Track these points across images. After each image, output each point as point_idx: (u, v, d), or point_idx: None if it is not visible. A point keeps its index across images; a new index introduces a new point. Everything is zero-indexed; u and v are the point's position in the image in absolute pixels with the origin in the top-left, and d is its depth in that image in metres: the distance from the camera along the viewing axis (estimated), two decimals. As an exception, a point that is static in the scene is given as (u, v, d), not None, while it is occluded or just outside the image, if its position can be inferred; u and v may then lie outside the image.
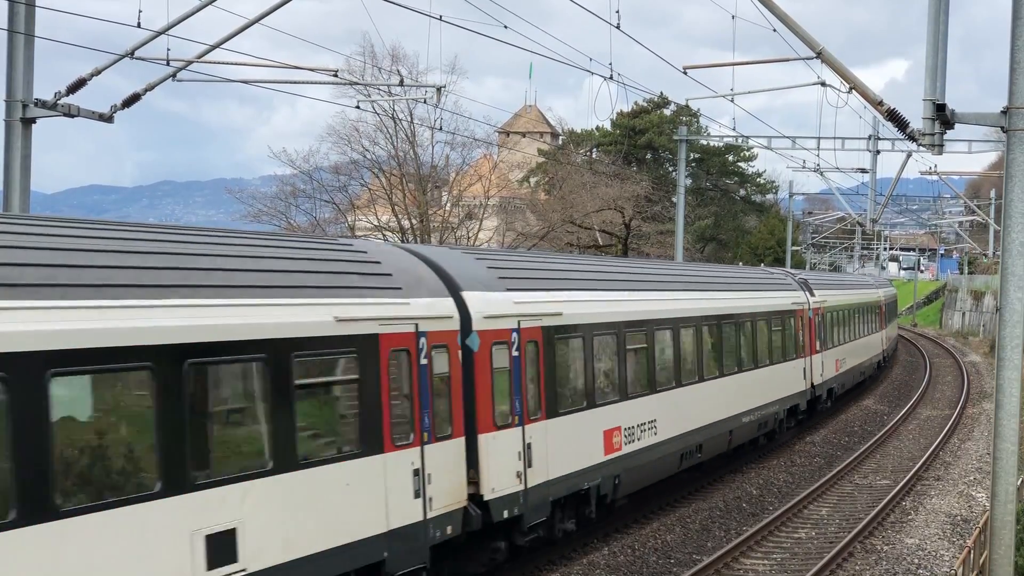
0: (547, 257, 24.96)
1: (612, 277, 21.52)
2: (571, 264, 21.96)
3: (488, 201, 48.19)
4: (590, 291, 19.61)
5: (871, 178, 47.18)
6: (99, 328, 9.74)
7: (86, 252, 10.47)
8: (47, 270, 9.81)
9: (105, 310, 9.92)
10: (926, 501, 24.77)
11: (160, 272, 10.94)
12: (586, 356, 18.74)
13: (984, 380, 49.86)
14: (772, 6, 15.75)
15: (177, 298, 10.76)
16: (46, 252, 10.02)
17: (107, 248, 10.80)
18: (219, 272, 11.72)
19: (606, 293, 20.21)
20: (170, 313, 10.53)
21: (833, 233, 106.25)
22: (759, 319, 28.53)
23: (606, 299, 20.02)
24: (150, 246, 11.37)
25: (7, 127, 16.84)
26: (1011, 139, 14.70)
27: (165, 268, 11.06)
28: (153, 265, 10.98)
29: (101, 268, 10.40)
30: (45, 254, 9.98)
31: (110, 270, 10.47)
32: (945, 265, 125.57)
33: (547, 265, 20.25)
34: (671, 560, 19.63)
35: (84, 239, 10.69)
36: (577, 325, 18.40)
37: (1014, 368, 14.91)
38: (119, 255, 10.81)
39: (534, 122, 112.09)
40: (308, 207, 43.49)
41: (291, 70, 19.58)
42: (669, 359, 22.40)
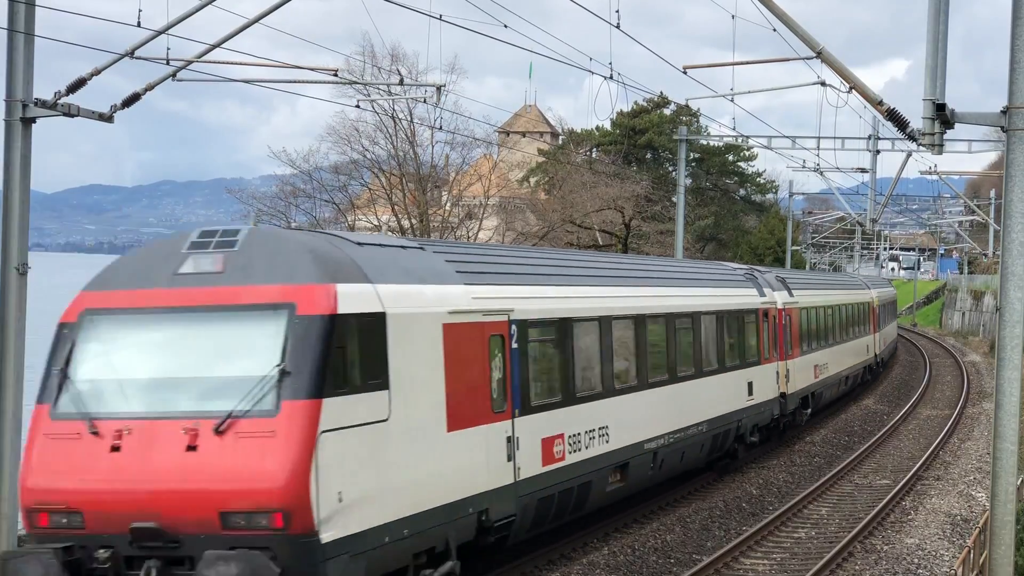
0: None
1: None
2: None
3: (488, 201, 48.20)
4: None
5: (871, 178, 47.17)
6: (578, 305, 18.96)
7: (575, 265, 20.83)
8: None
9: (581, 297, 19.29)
10: (926, 501, 24.77)
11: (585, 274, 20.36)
12: None
13: (984, 380, 49.86)
14: (772, 6, 15.74)
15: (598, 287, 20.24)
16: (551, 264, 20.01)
17: (576, 262, 21.19)
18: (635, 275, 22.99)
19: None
20: (596, 298, 19.75)
21: (833, 233, 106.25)
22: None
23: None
24: (585, 262, 21.87)
25: (7, 127, 16.82)
26: (1011, 139, 14.69)
27: (589, 273, 20.64)
28: (590, 271, 20.79)
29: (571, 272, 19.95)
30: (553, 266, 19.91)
31: (582, 275, 20.15)
32: (945, 265, 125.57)
33: None
34: (671, 560, 19.63)
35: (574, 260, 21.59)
36: None
37: (1014, 368, 14.90)
38: (582, 266, 20.93)
39: (534, 122, 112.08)
40: (308, 207, 43.52)
41: (291, 70, 19.58)
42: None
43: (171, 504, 11.98)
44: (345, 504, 12.45)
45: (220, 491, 11.95)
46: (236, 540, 11.84)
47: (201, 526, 11.93)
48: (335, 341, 12.56)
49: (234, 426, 12.11)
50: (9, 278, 16.79)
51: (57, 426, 12.57)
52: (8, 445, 16.79)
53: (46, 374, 12.90)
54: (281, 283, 12.73)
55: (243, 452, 12.03)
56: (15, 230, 16.87)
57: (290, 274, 12.80)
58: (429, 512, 14.04)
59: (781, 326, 30.03)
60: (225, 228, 13.48)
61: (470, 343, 15.24)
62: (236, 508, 11.93)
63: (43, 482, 12.43)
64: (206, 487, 11.98)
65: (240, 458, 12.02)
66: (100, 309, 13.13)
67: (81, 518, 12.25)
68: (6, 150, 16.95)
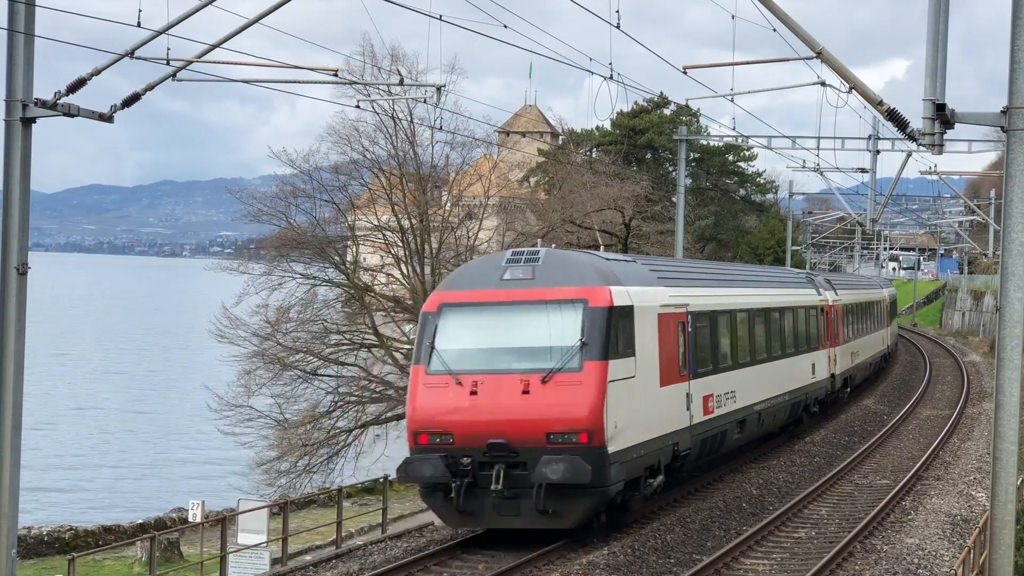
0: None
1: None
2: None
3: (488, 201, 48.19)
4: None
5: (871, 178, 47.15)
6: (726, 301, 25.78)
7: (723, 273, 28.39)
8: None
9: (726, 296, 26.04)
10: (926, 501, 24.77)
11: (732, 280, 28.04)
12: None
13: (984, 380, 49.85)
14: (772, 6, 15.74)
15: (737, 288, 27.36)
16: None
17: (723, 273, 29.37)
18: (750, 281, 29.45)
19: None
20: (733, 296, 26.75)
21: (833, 233, 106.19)
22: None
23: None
24: (729, 271, 30.76)
25: (7, 127, 16.80)
26: (1011, 139, 14.70)
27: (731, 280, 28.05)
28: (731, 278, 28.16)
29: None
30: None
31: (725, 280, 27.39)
32: (945, 265, 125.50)
33: None
34: (671, 560, 19.63)
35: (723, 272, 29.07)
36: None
37: (1014, 368, 14.91)
38: (718, 272, 28.40)
39: (534, 122, 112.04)
40: (308, 207, 43.47)
41: (291, 70, 19.56)
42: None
43: (513, 428, 18.88)
44: (618, 429, 19.34)
45: (546, 419, 18.81)
46: (557, 451, 18.66)
47: (533, 442, 18.79)
48: (612, 323, 19.45)
49: (554, 378, 19.01)
50: (9, 278, 16.78)
51: (431, 379, 19.47)
52: (8, 445, 16.77)
53: (418, 345, 19.89)
54: (576, 286, 19.65)
55: (561, 395, 18.88)
56: (15, 230, 16.86)
57: (581, 280, 19.79)
58: (652, 440, 20.92)
59: (831, 319, 36.49)
60: (529, 250, 20.62)
61: (669, 327, 22.14)
62: (557, 430, 18.80)
63: (425, 415, 19.35)
64: (537, 417, 18.85)
65: (559, 399, 18.87)
66: (451, 303, 20.02)
67: (451, 438, 19.18)
68: (6, 150, 16.93)
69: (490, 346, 19.71)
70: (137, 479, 54.63)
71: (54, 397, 78.50)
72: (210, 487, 47.01)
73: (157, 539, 22.79)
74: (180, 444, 63.63)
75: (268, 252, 43.09)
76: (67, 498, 49.49)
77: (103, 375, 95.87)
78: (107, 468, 57.04)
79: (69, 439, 64.39)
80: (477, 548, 20.11)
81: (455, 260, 44.44)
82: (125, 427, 69.40)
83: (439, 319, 19.89)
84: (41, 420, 65.75)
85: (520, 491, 18.85)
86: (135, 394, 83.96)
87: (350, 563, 20.79)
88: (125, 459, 59.42)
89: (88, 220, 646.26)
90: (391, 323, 44.18)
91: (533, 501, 18.68)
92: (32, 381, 14.83)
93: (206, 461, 57.03)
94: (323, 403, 40.65)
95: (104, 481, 54.05)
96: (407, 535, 23.67)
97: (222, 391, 39.70)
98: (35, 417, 61.27)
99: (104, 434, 66.79)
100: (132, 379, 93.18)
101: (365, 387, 41.42)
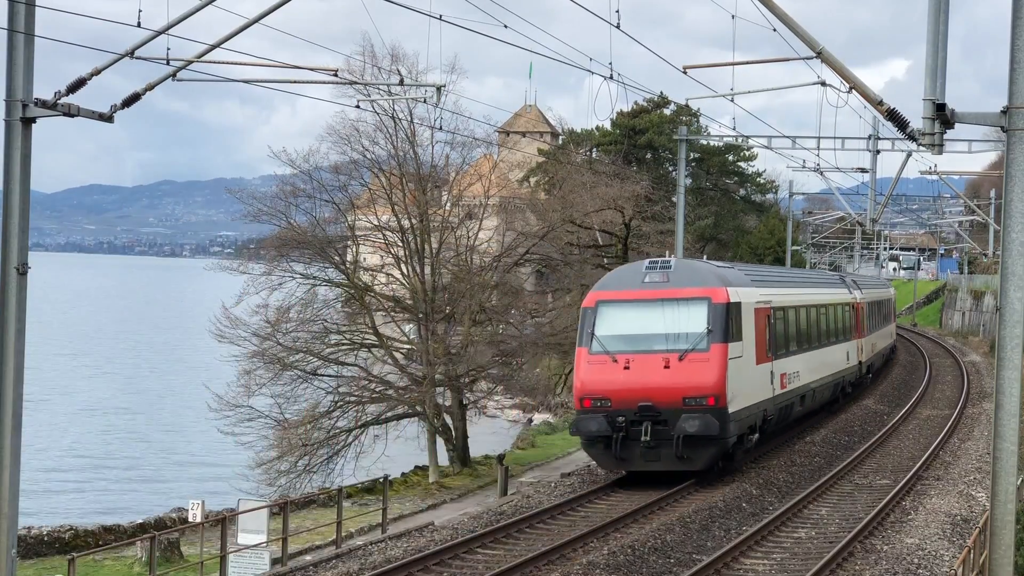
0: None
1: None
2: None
3: (488, 201, 48.14)
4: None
5: (871, 178, 47.12)
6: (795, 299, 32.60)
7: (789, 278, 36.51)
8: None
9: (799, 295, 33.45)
10: (926, 501, 24.77)
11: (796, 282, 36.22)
12: None
13: (984, 380, 49.85)
14: (772, 6, 15.74)
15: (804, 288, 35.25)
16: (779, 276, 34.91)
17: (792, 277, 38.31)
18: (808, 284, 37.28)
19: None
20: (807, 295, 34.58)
21: (833, 233, 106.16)
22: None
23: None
24: (795, 274, 42.47)
25: (7, 127, 16.78)
26: (1011, 139, 14.70)
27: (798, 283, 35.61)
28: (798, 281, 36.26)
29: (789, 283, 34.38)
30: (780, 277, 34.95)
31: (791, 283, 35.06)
32: (945, 265, 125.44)
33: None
34: (671, 560, 19.64)
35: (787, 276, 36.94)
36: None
37: (1014, 368, 14.91)
38: (784, 275, 36.96)
39: (534, 122, 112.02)
40: (308, 207, 43.38)
41: (291, 70, 19.54)
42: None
43: (658, 394, 25.07)
44: (733, 396, 25.64)
45: (683, 387, 25.03)
46: (691, 411, 24.92)
47: (673, 404, 24.98)
48: (728, 316, 25.75)
49: (688, 356, 25.21)
50: (9, 278, 16.77)
51: (593, 358, 25.69)
52: (8, 445, 16.76)
53: (580, 333, 26.22)
54: (701, 287, 26.01)
55: (694, 369, 25.13)
56: (15, 230, 16.85)
57: (704, 282, 26.23)
58: (752, 406, 27.17)
59: (859, 314, 42.56)
60: (663, 259, 27.13)
61: (760, 318, 28.29)
62: (691, 395, 25.03)
63: (589, 385, 25.57)
64: (676, 386, 25.06)
65: (692, 372, 25.13)
66: (605, 300, 26.29)
67: (610, 402, 25.28)
68: (6, 150, 16.91)
69: (638, 332, 25.91)
70: (137, 479, 54.62)
71: (54, 397, 78.49)
72: (210, 487, 47.02)
73: (157, 539, 22.78)
74: (180, 444, 63.62)
75: (268, 252, 43.03)
76: (67, 498, 49.48)
77: (103, 375, 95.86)
78: (107, 468, 57.01)
79: (69, 439, 64.37)
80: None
81: (455, 260, 44.42)
82: (125, 427, 69.39)
83: (597, 312, 26.15)
84: (40, 420, 65.76)
85: (662, 442, 25.04)
86: (135, 394, 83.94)
87: (350, 563, 20.79)
88: (125, 459, 59.40)
89: (88, 220, 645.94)
90: (391, 323, 44.16)
91: (672, 449, 24.94)
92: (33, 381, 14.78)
93: (206, 461, 57.03)
94: (323, 403, 40.60)
95: (104, 481, 54.03)
96: (407, 535, 23.67)
97: (222, 391, 39.67)
98: (36, 418, 61.32)
99: (104, 434, 66.78)
100: (132, 379, 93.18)
101: (365, 387, 41.38)
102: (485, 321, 43.57)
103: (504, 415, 58.01)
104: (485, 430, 49.43)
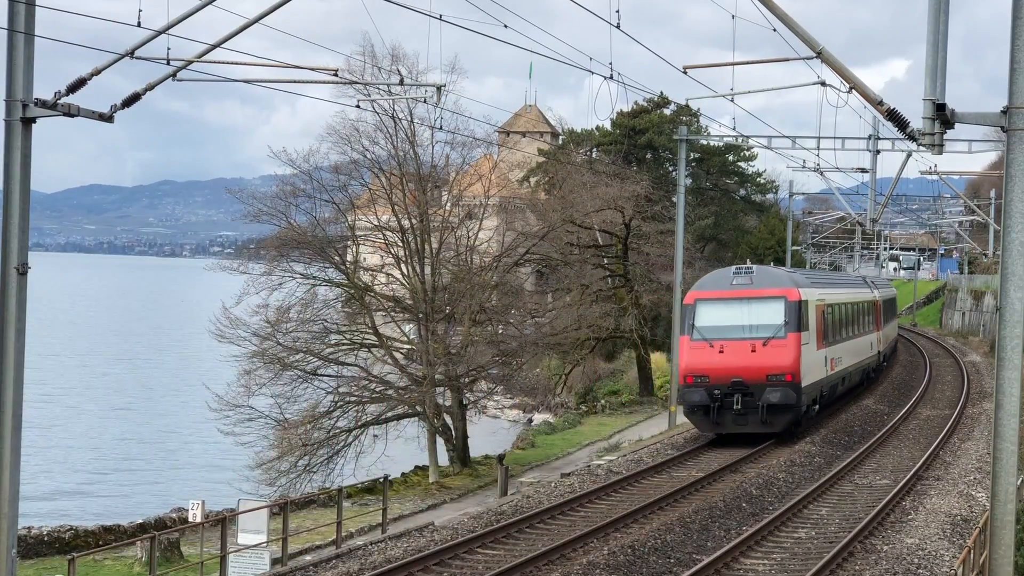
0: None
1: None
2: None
3: (488, 201, 48.14)
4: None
5: (871, 178, 47.11)
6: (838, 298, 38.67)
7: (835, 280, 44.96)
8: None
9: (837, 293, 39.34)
10: (926, 501, 24.76)
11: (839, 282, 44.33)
12: None
13: (984, 380, 49.84)
14: (772, 6, 15.74)
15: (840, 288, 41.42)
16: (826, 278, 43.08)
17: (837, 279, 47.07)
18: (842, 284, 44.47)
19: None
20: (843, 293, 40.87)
21: (833, 233, 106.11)
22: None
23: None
24: (834, 276, 51.43)
25: (7, 127, 16.79)
26: (1011, 139, 14.70)
27: (838, 284, 42.23)
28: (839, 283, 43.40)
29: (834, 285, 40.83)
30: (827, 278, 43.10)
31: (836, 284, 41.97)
32: (945, 265, 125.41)
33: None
34: (671, 560, 19.63)
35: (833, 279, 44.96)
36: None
37: (1014, 368, 14.91)
38: (827, 278, 44.29)
39: (534, 122, 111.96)
40: (308, 207, 43.36)
41: (291, 70, 19.54)
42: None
43: (747, 372, 31.11)
44: (804, 373, 31.65)
45: (767, 367, 31.09)
46: (773, 385, 30.99)
47: (759, 380, 31.04)
48: (800, 311, 31.68)
49: (770, 343, 31.25)
50: (9, 278, 16.77)
51: (694, 344, 31.70)
52: (8, 445, 16.76)
53: (683, 324, 32.97)
54: (779, 288, 32.16)
55: (775, 353, 31.15)
56: (15, 230, 16.85)
57: (781, 285, 32.39)
58: (814, 382, 33.28)
59: (877, 310, 48.11)
60: (746, 266, 33.45)
61: (818, 313, 34.20)
62: (773, 373, 31.07)
63: (692, 365, 31.56)
64: (761, 365, 31.09)
65: (774, 354, 31.15)
66: (702, 298, 32.33)
67: (708, 379, 31.25)
68: (6, 150, 16.91)
69: (729, 324, 31.95)
70: (137, 479, 54.61)
71: (53, 397, 78.48)
72: (210, 487, 46.99)
73: (157, 539, 22.78)
74: (180, 444, 63.60)
75: (268, 252, 43.00)
76: (67, 498, 49.48)
77: (102, 375, 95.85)
78: (107, 468, 57.00)
79: (69, 439, 64.36)
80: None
81: (455, 260, 44.41)
82: (125, 427, 69.37)
83: (696, 308, 32.34)
84: (40, 420, 65.74)
85: (749, 410, 31.31)
86: (135, 394, 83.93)
87: (350, 563, 20.79)
88: (125, 459, 59.38)
89: (88, 220, 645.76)
90: (391, 323, 44.15)
91: (758, 416, 31.29)
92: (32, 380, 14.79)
93: (206, 461, 57.03)
94: (323, 403, 40.61)
95: (104, 481, 54.02)
96: (407, 535, 23.66)
97: (222, 391, 39.67)
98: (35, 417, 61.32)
99: (104, 434, 66.77)
100: (132, 379, 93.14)
101: (365, 387, 41.37)
102: (485, 321, 43.55)
103: (504, 415, 58.08)
104: (485, 430, 49.43)
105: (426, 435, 41.92)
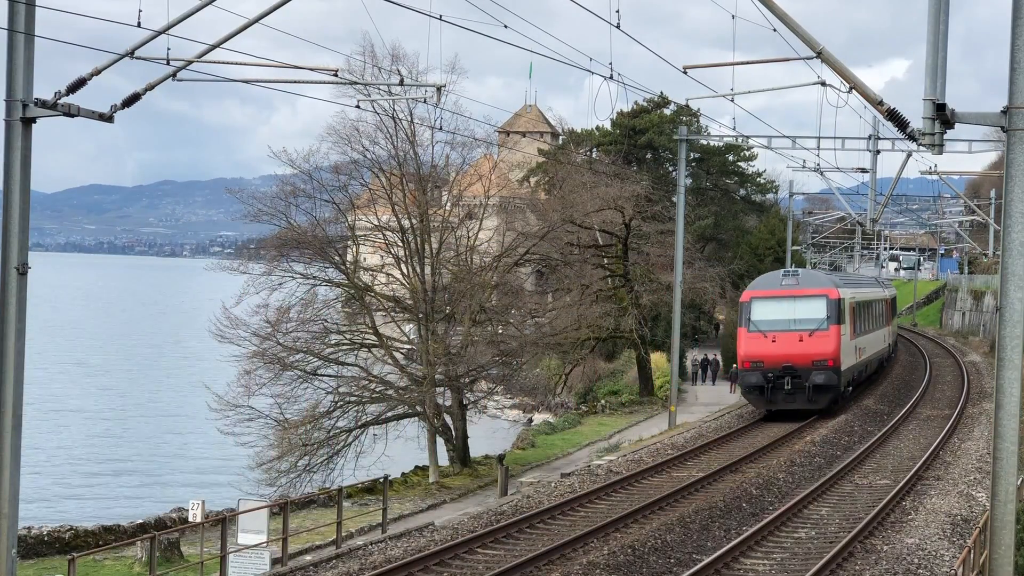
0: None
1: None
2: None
3: (488, 201, 48.13)
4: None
5: (871, 178, 47.12)
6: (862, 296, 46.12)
7: (858, 281, 52.61)
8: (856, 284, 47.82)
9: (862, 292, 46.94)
10: (926, 501, 24.76)
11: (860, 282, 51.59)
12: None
13: (984, 380, 49.85)
14: (772, 6, 15.74)
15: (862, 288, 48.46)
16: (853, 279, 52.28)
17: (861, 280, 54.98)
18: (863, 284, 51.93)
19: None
20: (864, 293, 47.58)
21: (833, 233, 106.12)
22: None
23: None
24: (857, 278, 59.18)
25: (7, 127, 16.79)
26: (1011, 139, 14.69)
27: (859, 285, 49.31)
28: (859, 283, 50.35)
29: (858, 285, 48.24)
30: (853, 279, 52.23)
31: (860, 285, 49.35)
32: (945, 265, 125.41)
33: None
34: (671, 560, 19.63)
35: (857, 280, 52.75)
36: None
37: (1014, 368, 14.90)
38: (852, 279, 53.53)
39: (534, 122, 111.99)
40: (308, 207, 43.33)
41: (291, 70, 19.53)
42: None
43: (795, 358, 38.16)
44: (842, 359, 38.75)
45: (812, 354, 38.23)
46: (818, 369, 38.12)
47: (805, 365, 38.11)
48: (839, 307, 38.81)
49: (815, 333, 38.38)
50: (9, 278, 16.77)
51: (750, 335, 38.84)
52: (8, 445, 16.76)
53: (740, 317, 39.78)
54: (821, 288, 39.50)
55: (819, 342, 38.33)
56: (15, 230, 16.85)
57: (822, 285, 39.82)
58: (849, 368, 40.30)
59: (888, 307, 54.37)
60: (793, 269, 43.02)
61: (850, 309, 40.24)
62: (817, 359, 38.22)
63: (749, 352, 38.69)
64: (808, 353, 38.22)
65: (818, 343, 38.33)
66: (757, 296, 39.36)
67: (763, 364, 38.35)
68: (6, 150, 16.92)
69: (780, 317, 38.49)
70: (137, 479, 54.62)
71: (54, 397, 78.48)
72: (210, 487, 46.99)
73: (157, 539, 22.77)
74: (180, 444, 63.60)
75: (268, 252, 42.97)
76: (67, 498, 49.47)
77: (102, 375, 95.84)
78: (107, 468, 57.01)
79: (69, 439, 64.36)
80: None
81: (455, 260, 44.39)
82: (125, 427, 69.36)
83: (751, 305, 39.01)
84: (40, 420, 65.74)
85: (797, 390, 37.89)
86: (135, 394, 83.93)
87: (350, 563, 20.80)
88: (125, 459, 59.38)
89: (88, 220, 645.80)
90: (391, 323, 44.14)
91: (805, 395, 37.87)
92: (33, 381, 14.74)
93: (206, 461, 57.02)
94: (323, 403, 40.59)
95: (104, 481, 54.01)
96: (407, 535, 23.66)
97: (222, 391, 39.66)
98: (35, 416, 61.31)
99: (104, 434, 66.76)
100: (131, 379, 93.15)
101: (365, 387, 41.35)
102: (485, 321, 43.53)
103: (504, 415, 58.05)
104: (485, 430, 49.41)
105: (426, 435, 41.91)
